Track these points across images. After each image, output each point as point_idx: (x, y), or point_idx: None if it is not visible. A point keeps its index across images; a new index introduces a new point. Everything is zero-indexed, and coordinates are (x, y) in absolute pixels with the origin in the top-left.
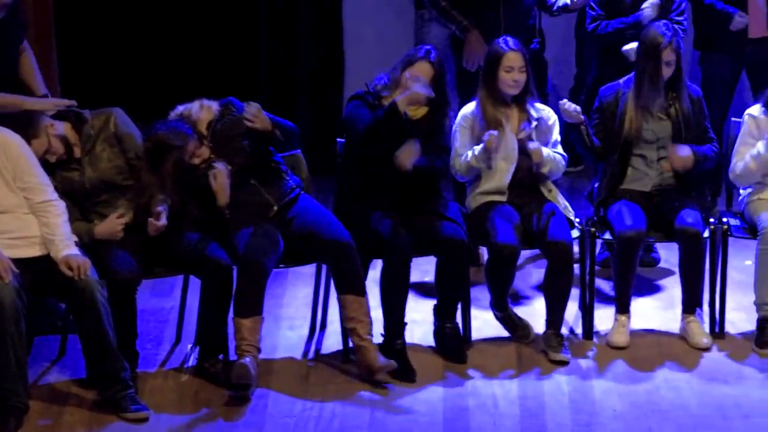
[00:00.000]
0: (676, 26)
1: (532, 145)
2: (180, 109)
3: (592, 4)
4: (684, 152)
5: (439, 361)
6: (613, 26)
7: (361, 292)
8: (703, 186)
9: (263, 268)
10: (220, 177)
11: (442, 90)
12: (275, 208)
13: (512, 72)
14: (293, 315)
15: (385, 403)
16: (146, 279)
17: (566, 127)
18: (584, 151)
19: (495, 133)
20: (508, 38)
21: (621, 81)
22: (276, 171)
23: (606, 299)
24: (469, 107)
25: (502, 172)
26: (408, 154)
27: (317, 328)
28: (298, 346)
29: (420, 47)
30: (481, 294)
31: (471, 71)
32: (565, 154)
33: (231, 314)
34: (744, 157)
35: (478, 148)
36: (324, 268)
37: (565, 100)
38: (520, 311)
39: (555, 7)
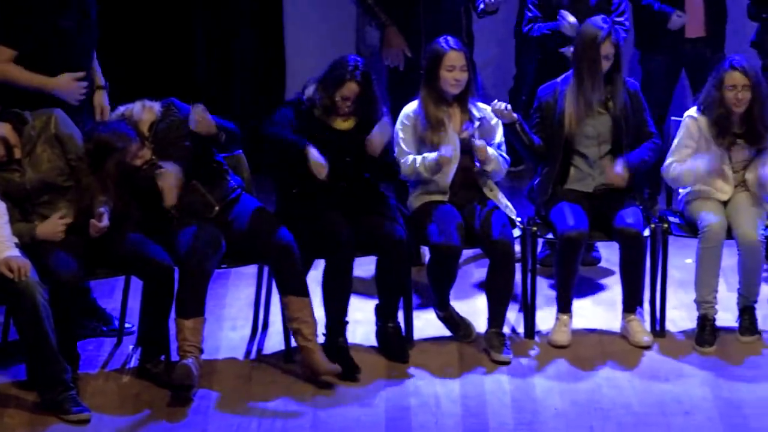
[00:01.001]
0: (617, 26)
1: (478, 143)
2: (121, 109)
3: (529, 5)
4: (618, 170)
5: (381, 361)
6: (540, 30)
7: (304, 292)
8: (643, 185)
9: (205, 269)
10: (168, 178)
11: (371, 102)
12: (217, 208)
13: (454, 71)
14: (235, 315)
15: (328, 402)
16: (88, 280)
17: (505, 128)
18: (524, 151)
19: (450, 155)
20: (449, 38)
21: (558, 80)
22: (217, 171)
23: (547, 298)
24: (411, 106)
25: (444, 172)
26: (379, 140)
27: (259, 328)
28: (241, 347)
29: (348, 62)
30: (423, 293)
31: (400, 69)
32: (507, 156)
33: (173, 315)
34: (684, 163)
35: (430, 157)
36: (266, 268)
37: (496, 101)
38: (462, 310)
39: (478, 10)
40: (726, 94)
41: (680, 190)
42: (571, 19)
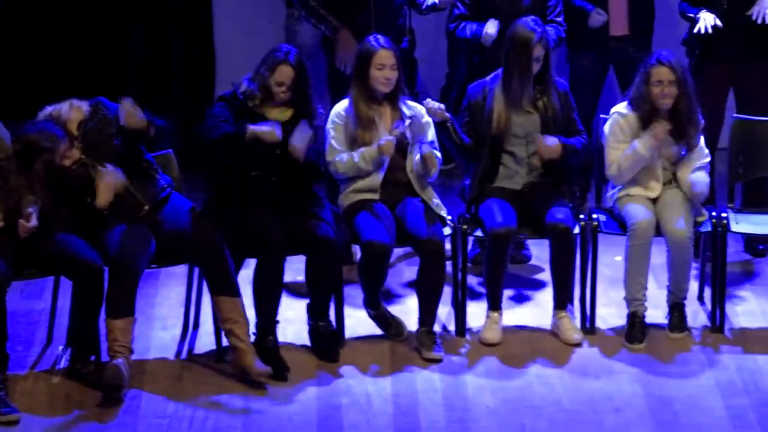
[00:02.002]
0: (556, 26)
1: (426, 150)
2: (49, 109)
3: (458, 3)
4: (551, 141)
5: (312, 360)
6: (463, 33)
7: (236, 293)
8: (572, 182)
9: (134, 269)
10: (106, 177)
11: (304, 91)
12: (146, 208)
13: (384, 70)
14: (166, 315)
15: (259, 402)
16: (16, 281)
17: (436, 127)
18: (455, 149)
19: (393, 139)
20: (379, 36)
21: (488, 78)
22: (147, 170)
23: (478, 296)
24: (342, 105)
25: (375, 170)
26: (300, 145)
27: (190, 327)
28: (171, 346)
29: (280, 48)
30: (354, 292)
31: (345, 72)
32: (439, 155)
33: (103, 315)
34: (620, 157)
35: (370, 150)
36: (196, 267)
37: (428, 99)
38: (393, 309)
39: (424, 6)
40: (653, 90)
41: (609, 188)
42: (492, 31)
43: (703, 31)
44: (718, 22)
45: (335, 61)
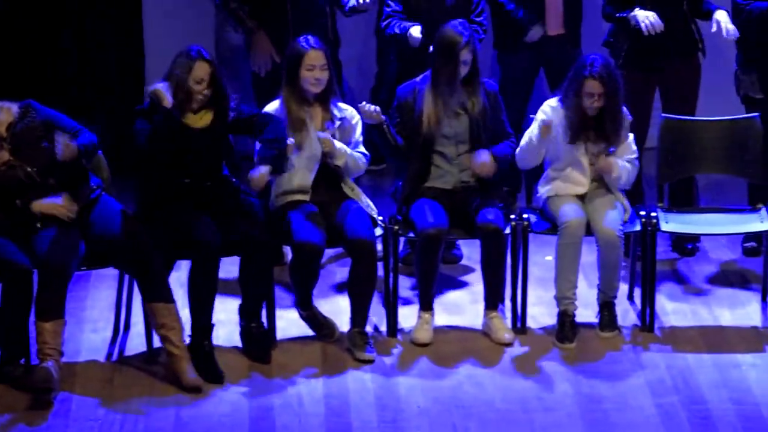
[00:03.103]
0: (476, 27)
1: (321, 134)
2: None
3: (388, 1)
4: (483, 158)
5: (244, 361)
6: (392, 30)
7: (169, 298)
8: (503, 183)
9: (64, 271)
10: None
11: (221, 87)
12: (76, 209)
13: (314, 70)
14: (96, 317)
15: (191, 404)
16: None
17: (368, 128)
18: (389, 151)
19: (328, 137)
20: (309, 37)
21: (418, 79)
22: (76, 173)
23: (409, 297)
24: (273, 106)
25: (305, 171)
26: (261, 179)
27: (121, 329)
28: (102, 349)
29: (189, 48)
30: (285, 293)
31: (260, 75)
32: (367, 153)
33: (32, 318)
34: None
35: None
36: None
37: (364, 102)
38: (325, 310)
39: (347, 8)
40: (583, 101)
41: (539, 188)
42: (416, 35)
43: (651, 31)
44: (659, 21)
45: (251, 64)
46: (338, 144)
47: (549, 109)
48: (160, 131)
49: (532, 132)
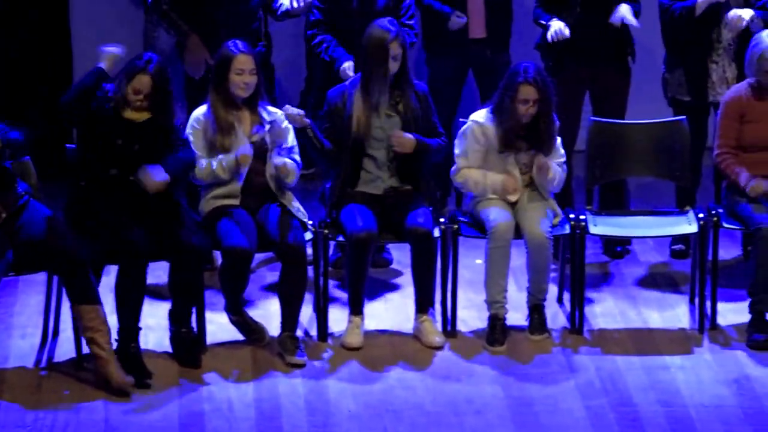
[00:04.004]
0: (407, 30)
1: (278, 161)
2: None
3: (313, 9)
4: (405, 133)
5: (174, 366)
6: (323, 55)
7: (96, 300)
8: (432, 186)
9: None
10: None
11: (163, 102)
12: (3, 215)
13: (243, 75)
14: (25, 323)
15: (120, 409)
16: None
17: (296, 132)
18: (317, 154)
19: (249, 152)
20: (238, 41)
21: (347, 82)
22: (4, 178)
23: (340, 301)
24: (201, 110)
25: (235, 176)
26: (149, 181)
27: (49, 335)
28: (30, 355)
29: (142, 56)
30: (215, 298)
31: (195, 78)
32: (299, 161)
33: None
34: (471, 174)
35: (228, 159)
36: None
37: (287, 106)
38: (255, 314)
39: (279, 12)
40: (518, 107)
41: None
42: (349, 73)
43: (554, 40)
44: (567, 33)
45: (185, 67)
46: (289, 162)
47: (477, 127)
48: (96, 110)
49: (485, 184)
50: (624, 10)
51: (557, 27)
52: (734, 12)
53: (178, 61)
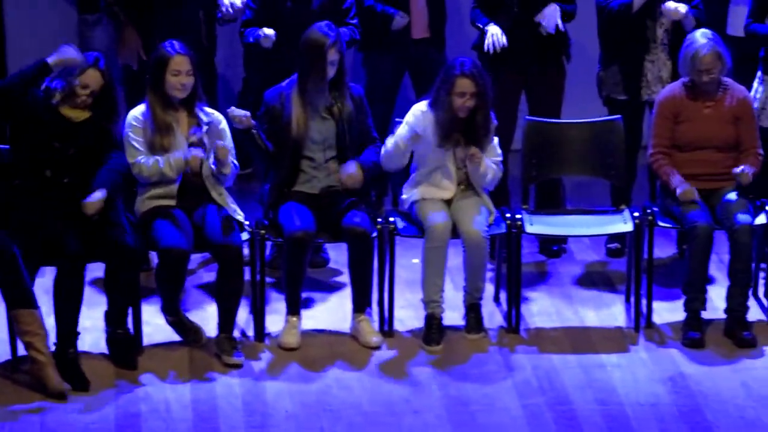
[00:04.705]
0: (351, 28)
1: (220, 142)
2: None
3: (246, 9)
4: (351, 169)
5: (110, 368)
6: (246, 40)
7: (33, 304)
8: (369, 187)
9: None
10: None
11: (108, 100)
12: None
13: (179, 75)
14: None
15: (57, 412)
16: None
17: (237, 132)
18: (258, 156)
19: (200, 154)
20: (175, 42)
21: (284, 83)
22: None
23: (277, 301)
24: (139, 109)
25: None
26: (87, 206)
27: None
28: None
29: (89, 54)
30: (151, 299)
31: (134, 68)
32: (236, 163)
33: None
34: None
35: (177, 160)
36: None
37: (233, 107)
38: (192, 315)
39: (219, 14)
40: (454, 100)
41: (404, 192)
42: (269, 31)
43: (491, 49)
44: (504, 41)
45: (119, 57)
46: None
47: (419, 113)
48: (37, 107)
49: (400, 136)
50: (552, 11)
51: (494, 34)
52: (671, 3)
53: (113, 61)
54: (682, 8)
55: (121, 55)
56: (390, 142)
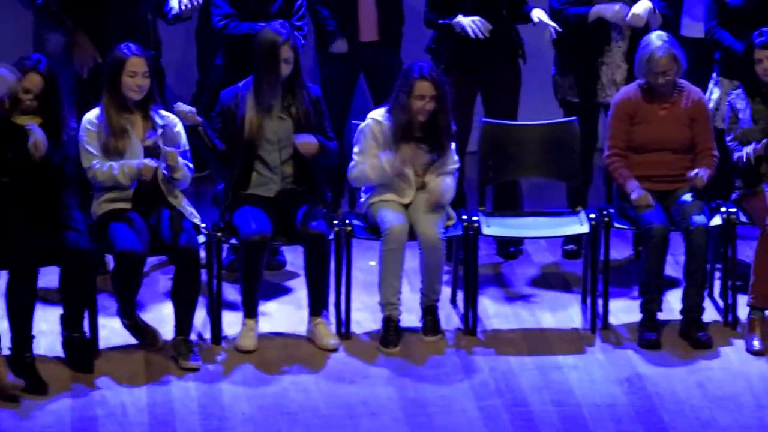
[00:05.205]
0: (297, 31)
1: (169, 149)
2: None
3: (217, 2)
4: (308, 138)
5: (66, 372)
6: (246, 28)
7: None
8: (325, 188)
9: None
10: None
11: (53, 102)
12: None
13: (135, 77)
14: None
15: (13, 416)
16: None
17: (188, 132)
18: (209, 155)
19: (153, 164)
20: (131, 44)
21: (240, 84)
22: None
23: (233, 304)
24: (94, 113)
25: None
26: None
27: None
28: None
29: (30, 57)
30: (107, 302)
31: (84, 77)
32: (192, 166)
33: None
34: (365, 161)
35: (131, 167)
36: None
37: (179, 103)
38: (148, 318)
39: (170, 15)
40: (414, 103)
41: (362, 193)
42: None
43: (480, 35)
44: (480, 24)
45: (73, 64)
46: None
47: (376, 126)
48: None
49: (382, 164)
50: (539, 13)
51: (473, 20)
52: (631, 13)
53: (68, 64)
54: (642, 7)
55: (76, 62)
56: (360, 170)
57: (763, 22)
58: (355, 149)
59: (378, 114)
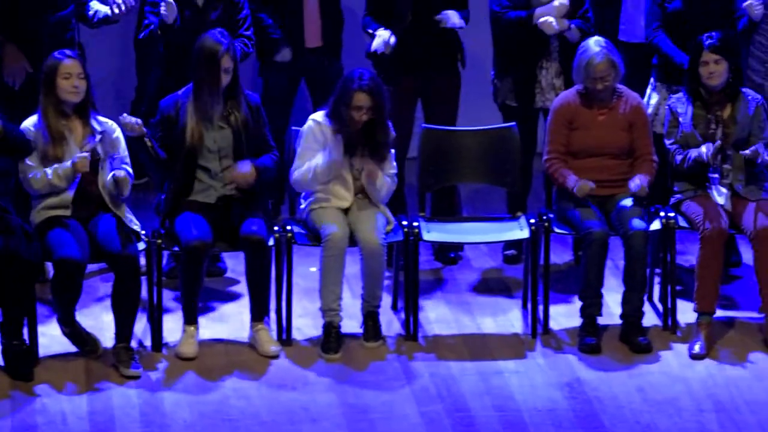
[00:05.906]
0: (244, 40)
1: (121, 174)
2: None
3: (146, 12)
4: (245, 168)
5: (5, 379)
6: (147, 31)
7: None
8: (266, 195)
9: None
10: None
11: None
12: None
13: (71, 78)
14: None
15: None
16: None
17: (130, 141)
18: (152, 165)
19: (87, 155)
20: (65, 50)
21: (180, 92)
22: None
23: (174, 310)
24: (32, 120)
25: (67, 187)
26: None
27: None
28: None
29: None
30: (47, 309)
31: (15, 88)
32: (131, 172)
33: None
34: (304, 164)
35: (64, 167)
36: None
37: (124, 114)
38: (88, 326)
39: (95, 19)
40: (352, 113)
41: (302, 200)
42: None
43: (379, 51)
44: (392, 42)
45: (4, 76)
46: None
47: (317, 128)
48: None
49: (318, 166)
50: (451, 14)
51: (383, 38)
52: (544, 18)
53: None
54: (555, 23)
55: (8, 74)
56: (303, 172)
57: (702, 26)
58: (298, 151)
59: (318, 116)
